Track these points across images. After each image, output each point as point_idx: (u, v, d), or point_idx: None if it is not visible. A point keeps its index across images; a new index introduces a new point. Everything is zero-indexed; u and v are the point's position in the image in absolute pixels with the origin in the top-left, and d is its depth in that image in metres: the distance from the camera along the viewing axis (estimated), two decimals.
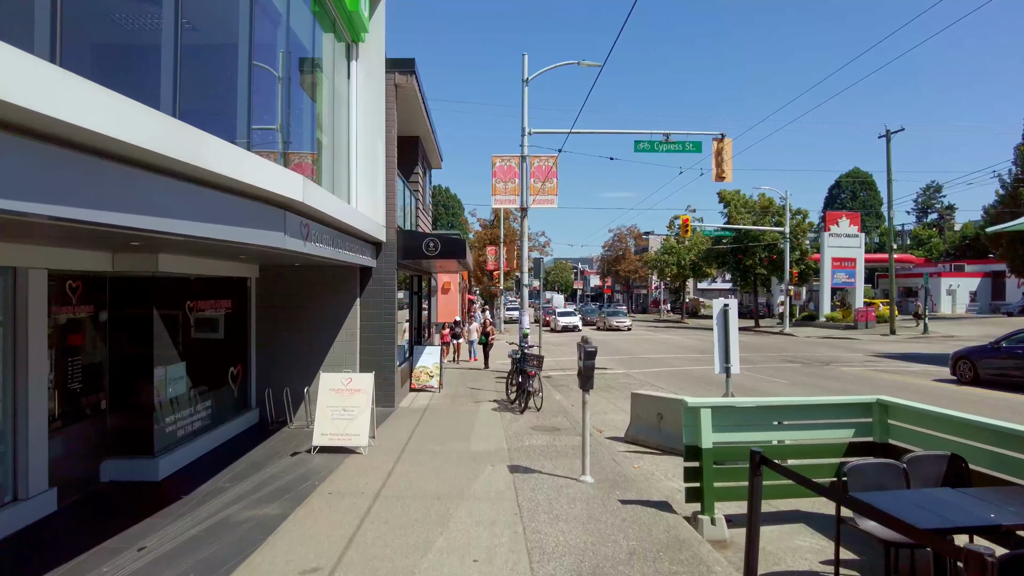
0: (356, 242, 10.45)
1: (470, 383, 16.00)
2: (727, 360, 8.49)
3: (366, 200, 11.57)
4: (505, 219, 44.85)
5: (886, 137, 39.04)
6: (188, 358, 9.03)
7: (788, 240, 44.06)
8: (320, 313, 11.66)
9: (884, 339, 34.39)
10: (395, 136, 12.10)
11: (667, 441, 9.18)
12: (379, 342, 11.83)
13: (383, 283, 11.89)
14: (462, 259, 12.04)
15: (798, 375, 18.35)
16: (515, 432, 9.71)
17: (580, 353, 6.78)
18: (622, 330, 42.27)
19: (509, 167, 19.09)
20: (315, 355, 11.64)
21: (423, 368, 14.18)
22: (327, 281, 11.65)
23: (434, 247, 11.73)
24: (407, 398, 13.29)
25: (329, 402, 7.89)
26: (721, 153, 20.27)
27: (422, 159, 16.94)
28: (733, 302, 8.52)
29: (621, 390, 15.87)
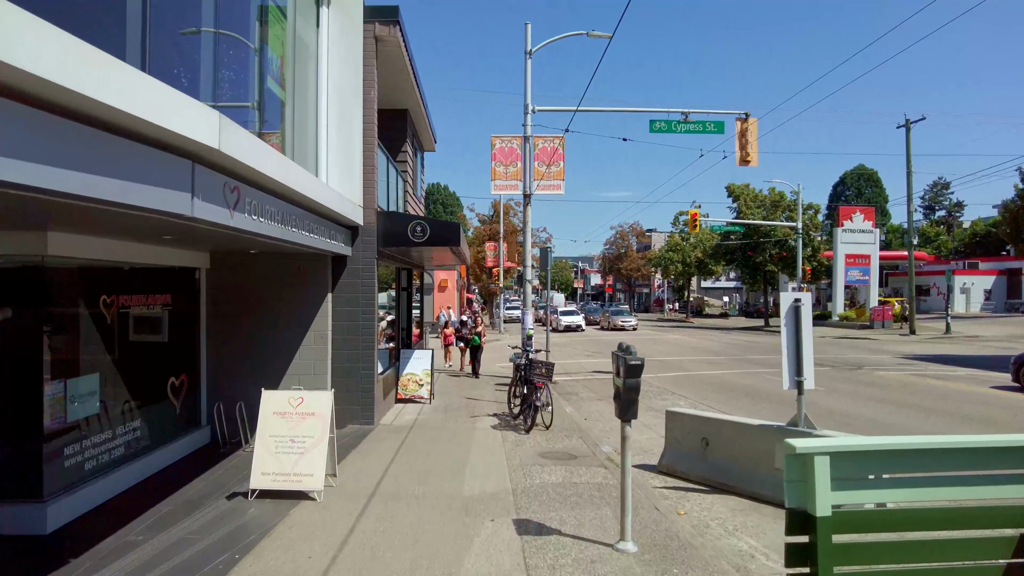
0: (323, 223, 8.45)
1: (466, 392, 13.99)
2: (799, 371, 6.49)
3: (339, 175, 9.57)
4: (505, 214, 42.82)
5: (905, 127, 37.12)
6: (104, 368, 7.02)
7: (801, 236, 42.11)
8: (284, 311, 9.65)
9: (904, 339, 32.45)
10: (375, 99, 10.10)
11: (716, 473, 7.19)
12: (356, 346, 9.83)
13: (360, 275, 9.89)
14: (456, 247, 10.05)
15: (832, 381, 16.37)
16: (521, 461, 7.70)
17: (618, 366, 4.80)
18: (628, 330, 40.28)
19: (511, 149, 17.09)
20: (277, 362, 9.63)
21: (411, 376, 12.17)
22: (292, 272, 9.64)
23: (422, 232, 9.74)
24: (391, 411, 11.28)
25: (272, 429, 5.88)
26: (745, 134, 18.30)
27: (411, 137, 14.94)
28: (807, 296, 6.55)
29: (639, 398, 13.88)
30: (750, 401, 13.30)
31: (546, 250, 13.28)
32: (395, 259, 12.04)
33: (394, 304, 15.93)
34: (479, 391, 14.07)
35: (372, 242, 9.92)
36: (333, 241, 8.89)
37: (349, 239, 9.79)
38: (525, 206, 16.85)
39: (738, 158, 18.36)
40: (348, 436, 9.13)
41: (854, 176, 77.26)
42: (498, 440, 8.87)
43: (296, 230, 7.21)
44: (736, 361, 21.85)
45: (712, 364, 21.09)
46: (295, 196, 7.05)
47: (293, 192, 6.81)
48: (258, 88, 7.43)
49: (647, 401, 13.55)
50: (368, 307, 9.88)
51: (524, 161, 16.84)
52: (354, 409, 9.84)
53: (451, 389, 14.30)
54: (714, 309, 72.52)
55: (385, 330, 12.26)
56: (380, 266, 11.02)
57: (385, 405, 11.04)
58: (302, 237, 7.48)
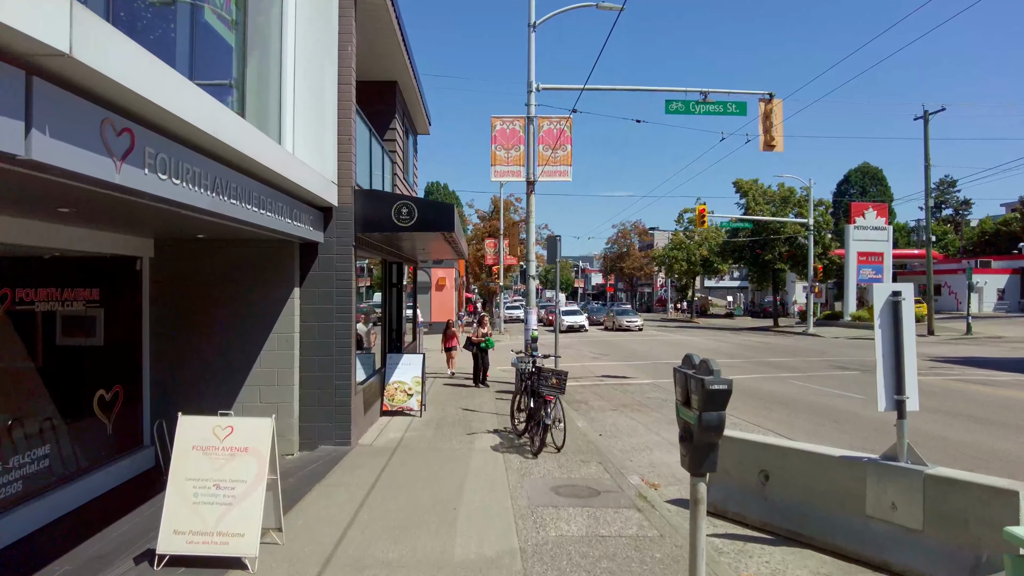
0: (284, 200, 6.82)
1: (463, 402, 12.36)
2: (900, 387, 4.86)
3: (308, 145, 7.93)
4: (505, 210, 41.14)
5: (924, 119, 35.53)
6: None
7: (812, 232, 40.51)
8: (242, 309, 8.02)
9: (924, 341, 30.82)
10: (353, 57, 8.47)
11: (781, 517, 5.56)
12: (329, 350, 8.20)
13: (335, 266, 8.26)
14: (449, 234, 8.42)
15: (869, 387, 14.75)
16: (530, 500, 6.07)
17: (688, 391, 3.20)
18: (633, 330, 38.57)
19: (512, 131, 15.45)
20: (234, 370, 8.01)
21: (399, 384, 10.54)
22: (251, 263, 8.01)
23: (408, 215, 8.10)
24: (374, 427, 9.65)
25: (191, 469, 4.24)
26: (770, 116, 16.68)
27: (402, 115, 13.30)
28: (908, 288, 4.93)
29: (658, 409, 12.28)
30: (786, 412, 11.67)
31: (555, 240, 11.60)
32: (380, 249, 10.41)
33: (382, 301, 14.30)
34: (477, 401, 12.44)
35: (349, 226, 8.29)
36: (298, 223, 7.26)
37: (320, 223, 8.16)
38: (528, 194, 15.23)
39: (762, 142, 16.74)
40: (318, 461, 7.50)
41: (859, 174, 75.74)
42: (500, 467, 7.23)
43: (241, 204, 5.58)
44: (755, 365, 20.23)
45: (730, 368, 19.44)
46: (238, 159, 5.43)
47: (233, 152, 5.18)
48: (191, 23, 5.80)
49: (667, 412, 11.94)
50: (344, 304, 8.26)
51: (527, 144, 15.22)
52: (326, 427, 8.21)
53: (445, 399, 12.67)
54: (718, 309, 70.90)
55: (368, 330, 10.64)
56: (361, 257, 9.38)
57: (366, 420, 9.41)
58: (251, 214, 5.85)
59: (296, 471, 7.02)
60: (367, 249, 9.36)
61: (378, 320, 11.42)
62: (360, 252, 9.05)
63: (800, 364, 20.23)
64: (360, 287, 12.12)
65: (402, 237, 9.38)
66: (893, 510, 4.76)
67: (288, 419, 8.02)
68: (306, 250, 8.22)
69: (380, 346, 11.11)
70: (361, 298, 11.98)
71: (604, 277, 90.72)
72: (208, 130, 4.52)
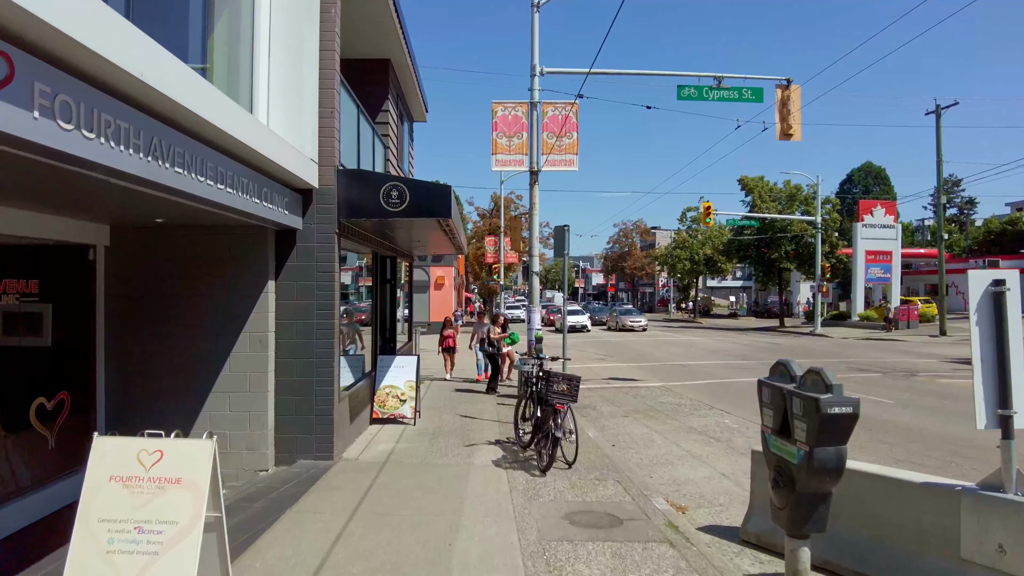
0: (251, 176, 5.84)
1: (461, 407, 11.38)
2: (1005, 399, 3.88)
3: (285, 116, 6.95)
4: (506, 208, 40.12)
5: (935, 113, 34.59)
6: None
7: (820, 231, 39.56)
8: (210, 306, 7.04)
9: (936, 341, 29.93)
10: (337, 21, 7.48)
11: (845, 555, 4.53)
12: (308, 352, 7.21)
13: (316, 257, 7.28)
14: (446, 221, 7.43)
15: (898, 392, 13.79)
16: (540, 532, 5.08)
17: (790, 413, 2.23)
18: (636, 331, 37.56)
19: (515, 117, 14.48)
20: (201, 374, 7.02)
21: (391, 389, 9.55)
22: (220, 253, 7.03)
23: (398, 198, 7.12)
24: (362, 437, 8.66)
25: (105, 507, 3.21)
26: (787, 103, 15.72)
27: (396, 98, 12.32)
28: (1014, 276, 3.96)
29: (672, 415, 11.30)
30: None
31: (563, 230, 10.56)
32: (370, 240, 9.42)
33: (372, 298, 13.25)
34: (478, 407, 11.46)
35: (331, 211, 7.30)
36: (269, 205, 6.28)
37: (298, 206, 7.18)
38: (532, 184, 14.26)
39: (778, 130, 15.78)
40: (293, 480, 6.52)
41: (861, 173, 74.93)
42: (503, 488, 6.24)
43: (189, 175, 4.60)
44: (768, 367, 19.21)
45: (743, 370, 18.47)
46: (187, 120, 4.45)
47: (179, 110, 4.20)
48: None
49: (683, 419, 10.98)
50: (326, 300, 7.27)
51: (531, 131, 14.26)
52: (305, 439, 7.22)
53: (442, 404, 11.69)
54: (721, 309, 69.93)
55: (356, 329, 9.66)
56: (348, 249, 8.40)
57: (353, 429, 8.42)
58: (204, 188, 4.87)
59: (266, 492, 6.03)
60: (354, 239, 8.37)
61: (366, 318, 10.43)
62: (347, 243, 8.07)
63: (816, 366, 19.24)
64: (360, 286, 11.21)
65: (393, 225, 8.39)
66: (1000, 554, 3.78)
67: (261, 430, 7.04)
68: (283, 238, 7.23)
69: (371, 347, 10.12)
70: (360, 297, 11.08)
71: (605, 277, 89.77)
72: (135, 72, 3.54)
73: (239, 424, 6.99)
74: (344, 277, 8.77)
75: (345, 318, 9.19)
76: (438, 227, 8.01)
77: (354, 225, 7.96)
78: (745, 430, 10.09)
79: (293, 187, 7.02)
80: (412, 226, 8.38)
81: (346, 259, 9.29)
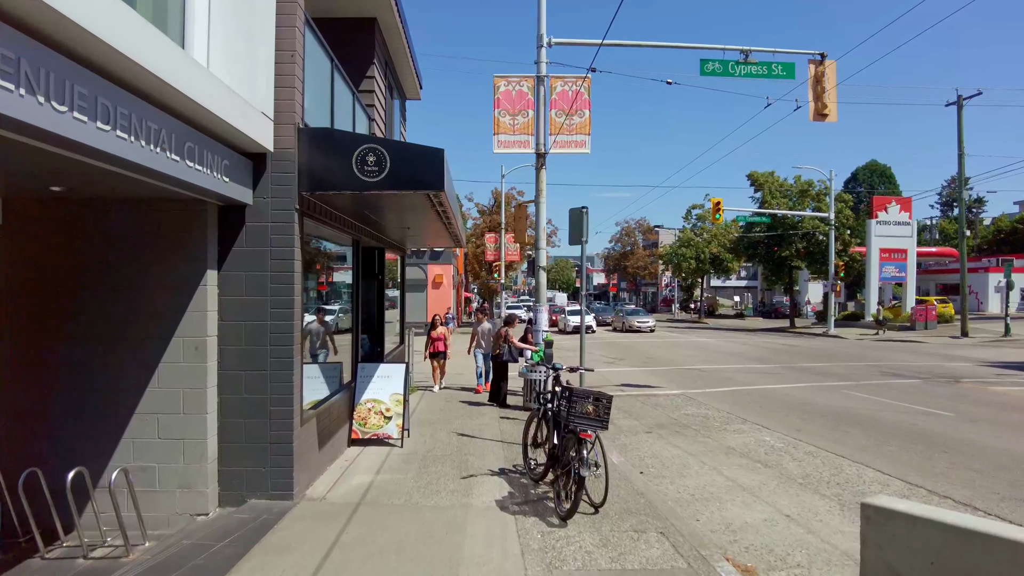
0: (184, 132, 4.27)
1: (458, 422, 9.81)
2: None
3: (228, 57, 5.35)
4: (507, 204, 38.51)
5: (957, 104, 33.11)
6: None
7: (833, 227, 38.01)
8: (130, 303, 5.47)
9: (960, 343, 28.40)
10: None
11: None
12: (261, 362, 5.63)
13: (271, 240, 5.70)
14: (436, 192, 5.83)
15: (950, 402, 12.21)
16: None
17: None
18: (644, 332, 35.96)
19: (519, 93, 12.93)
20: (120, 391, 5.45)
21: (374, 404, 7.97)
22: (144, 235, 5.46)
23: (376, 164, 5.54)
24: (336, 465, 7.08)
25: None
26: (821, 80, 14.18)
27: (383, 66, 10.73)
28: None
29: (702, 431, 9.73)
30: (868, 435, 9.09)
31: (581, 213, 8.87)
32: (348, 225, 7.83)
33: (350, 295, 11.61)
34: (477, 422, 9.89)
35: (290, 182, 5.72)
36: (206, 171, 4.70)
37: (248, 175, 5.60)
38: (538, 168, 12.70)
39: (812, 110, 14.24)
40: (234, 533, 4.93)
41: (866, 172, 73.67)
42: (513, 548, 4.66)
43: (78, 116, 3.02)
44: (792, 371, 17.69)
45: (766, 375, 16.91)
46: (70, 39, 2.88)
47: (59, 23, 2.63)
48: None
49: (715, 436, 9.42)
50: (284, 295, 5.69)
51: (537, 108, 12.70)
52: (258, 473, 5.65)
53: (436, 418, 10.11)
54: (726, 309, 68.39)
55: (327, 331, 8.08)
56: (320, 236, 6.82)
57: (324, 455, 6.84)
58: (106, 140, 3.30)
59: (189, 558, 4.44)
60: (326, 221, 6.79)
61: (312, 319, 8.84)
62: (315, 226, 6.49)
63: (844, 370, 17.69)
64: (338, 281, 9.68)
65: (373, 203, 6.81)
66: None
67: (199, 462, 5.46)
68: (228, 217, 5.66)
69: (351, 353, 8.53)
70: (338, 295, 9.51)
71: (607, 276, 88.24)
72: None
73: (170, 455, 5.43)
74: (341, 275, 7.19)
75: (318, 318, 7.63)
76: (428, 205, 6.41)
77: (323, 202, 6.38)
78: (793, 451, 8.53)
79: (241, 149, 5.45)
80: (396, 204, 6.79)
81: (321, 248, 7.72)
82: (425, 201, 6.28)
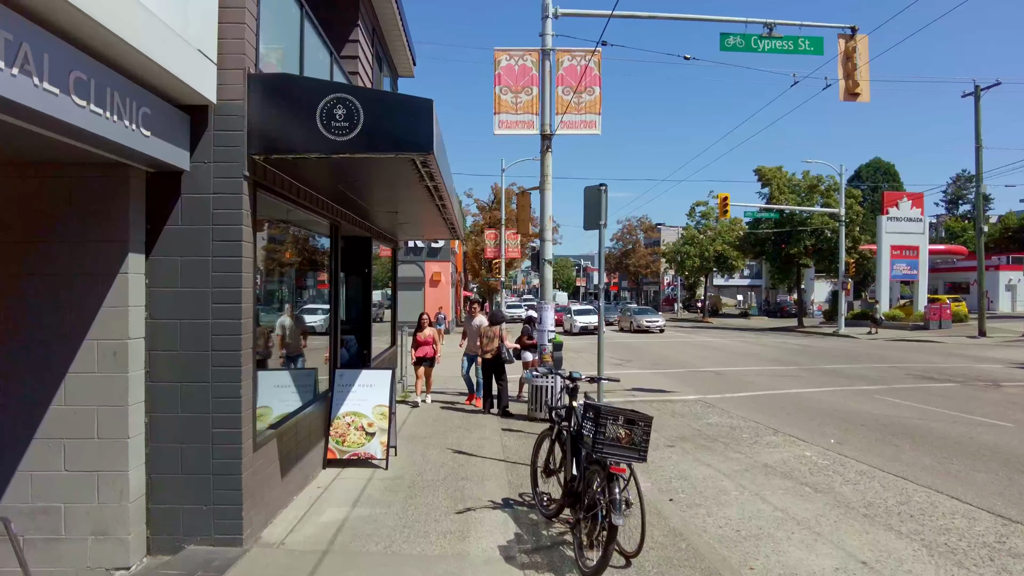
0: (96, 71, 3.04)
1: (452, 436, 8.60)
2: None
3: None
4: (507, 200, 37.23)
5: (974, 95, 31.89)
6: None
7: (844, 223, 36.80)
8: (27, 295, 4.25)
9: (978, 343, 27.26)
10: None
11: None
12: (201, 371, 4.42)
13: (213, 216, 4.48)
14: (423, 155, 4.60)
15: (1001, 409, 11.01)
16: None
17: None
18: (653, 332, 34.54)
19: (522, 68, 11.72)
20: (12, 414, 4.22)
21: (354, 417, 6.76)
22: (46, 207, 4.24)
23: (346, 118, 4.33)
24: (305, 494, 5.86)
25: None
26: (852, 57, 12.98)
27: (370, 32, 9.50)
28: None
29: (732, 444, 8.54)
30: (924, 451, 7.87)
31: (600, 191, 7.50)
32: (318, 204, 6.60)
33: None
34: (475, 435, 8.68)
35: (238, 142, 4.50)
36: (112, 117, 3.49)
37: (184, 133, 4.38)
38: (544, 151, 11.52)
39: (842, 89, 13.04)
40: None
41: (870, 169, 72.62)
42: None
43: None
44: (814, 374, 16.49)
45: (787, 378, 15.71)
46: None
47: None
48: None
49: (748, 450, 8.23)
50: (231, 286, 4.48)
51: (543, 85, 11.51)
52: (198, 513, 4.43)
53: (427, 429, 8.91)
54: (729, 308, 67.22)
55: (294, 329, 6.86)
56: (285, 221, 5.61)
57: (291, 483, 5.63)
58: None
59: None
60: (292, 199, 5.58)
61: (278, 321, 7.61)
62: (278, 204, 5.28)
63: (869, 373, 16.49)
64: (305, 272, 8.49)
65: (347, 173, 5.58)
66: None
67: (119, 501, 4.24)
68: (159, 187, 4.45)
69: (329, 357, 7.31)
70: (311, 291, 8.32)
71: (608, 275, 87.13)
72: None
73: (81, 492, 4.22)
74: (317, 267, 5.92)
75: (288, 315, 6.43)
76: (415, 176, 5.18)
77: (285, 172, 5.16)
78: (842, 470, 7.33)
79: (173, 99, 4.23)
80: (375, 175, 5.54)
81: (292, 233, 6.52)
82: (410, 171, 5.05)
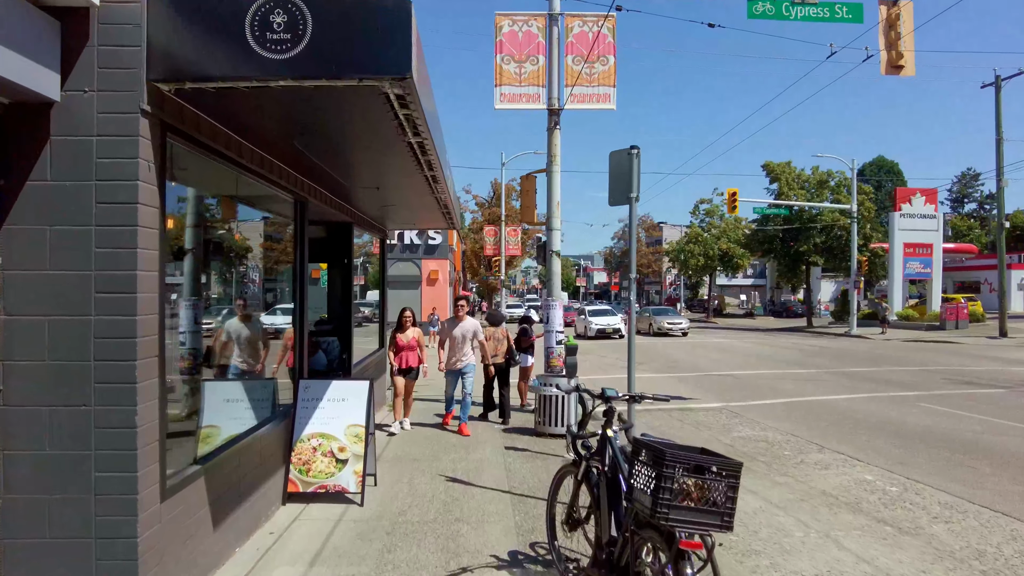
0: None
1: (445, 459, 7.24)
2: None
3: None
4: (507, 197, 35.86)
5: (995, 85, 30.66)
6: None
7: (856, 220, 35.48)
8: None
9: (1001, 343, 26.03)
10: None
11: None
12: (79, 390, 3.07)
13: (97, 167, 3.13)
14: (397, 78, 3.26)
15: None
16: None
17: None
18: (674, 334, 32.39)
19: (527, 35, 10.38)
20: None
21: (322, 440, 5.40)
22: None
23: (287, 28, 3.01)
24: (251, 543, 4.51)
25: None
26: (895, 25, 11.67)
27: None
28: None
29: (776, 465, 7.19)
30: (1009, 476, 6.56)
31: (632, 155, 6.02)
32: (270, 168, 5.24)
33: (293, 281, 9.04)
34: (474, 455, 7.32)
35: (134, 63, 3.15)
36: None
37: (54, 51, 3.02)
38: (551, 129, 10.20)
39: (884, 61, 11.75)
40: None
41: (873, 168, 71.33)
42: None
43: None
44: (840, 378, 15.17)
45: (812, 383, 14.39)
46: None
47: None
48: None
49: (795, 473, 6.87)
50: (123, 267, 3.13)
51: (550, 53, 10.18)
52: None
53: (415, 451, 7.54)
54: (733, 308, 65.95)
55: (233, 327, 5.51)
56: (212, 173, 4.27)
57: (230, 531, 4.28)
58: None
59: None
60: (230, 157, 4.22)
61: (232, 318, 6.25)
62: (210, 162, 3.94)
63: (900, 377, 15.17)
64: None
65: (297, 112, 4.21)
66: None
67: None
68: (14, 125, 3.10)
69: (294, 363, 5.95)
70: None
71: (609, 275, 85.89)
72: None
73: None
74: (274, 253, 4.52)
75: (239, 309, 5.11)
76: (390, 118, 3.81)
77: (208, 113, 3.79)
78: (920, 500, 6.00)
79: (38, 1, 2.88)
80: (335, 116, 4.12)
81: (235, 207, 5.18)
82: (384, 113, 3.69)
